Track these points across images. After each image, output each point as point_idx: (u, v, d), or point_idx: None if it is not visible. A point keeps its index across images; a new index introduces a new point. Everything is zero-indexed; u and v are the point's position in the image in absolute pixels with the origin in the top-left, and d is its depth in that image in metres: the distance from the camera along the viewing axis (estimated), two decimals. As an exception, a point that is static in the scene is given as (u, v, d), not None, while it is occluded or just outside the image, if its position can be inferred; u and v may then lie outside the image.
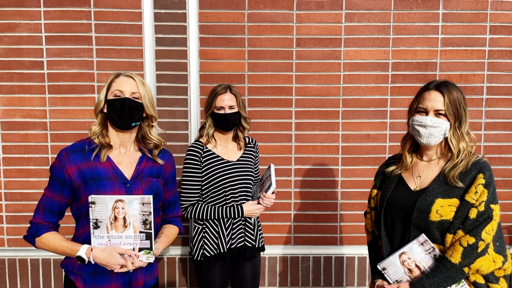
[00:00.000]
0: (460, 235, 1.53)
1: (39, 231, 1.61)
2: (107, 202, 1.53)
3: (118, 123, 1.62)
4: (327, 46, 3.04)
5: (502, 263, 1.58)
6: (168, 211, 1.86)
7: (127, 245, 1.56)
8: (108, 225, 1.55)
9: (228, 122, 2.24)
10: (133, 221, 1.55)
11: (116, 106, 1.60)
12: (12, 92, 3.01)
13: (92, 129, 1.67)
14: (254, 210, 2.24)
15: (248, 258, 2.30)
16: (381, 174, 1.85)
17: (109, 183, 1.60)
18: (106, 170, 1.62)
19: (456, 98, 1.60)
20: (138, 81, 1.65)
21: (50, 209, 1.63)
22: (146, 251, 1.57)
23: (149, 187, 1.67)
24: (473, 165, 1.59)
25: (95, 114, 1.69)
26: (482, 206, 1.52)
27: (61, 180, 1.61)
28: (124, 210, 1.54)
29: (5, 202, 3.07)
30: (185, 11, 2.99)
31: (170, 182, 1.82)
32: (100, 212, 1.54)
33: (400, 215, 1.67)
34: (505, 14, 3.02)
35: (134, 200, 1.54)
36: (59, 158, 1.62)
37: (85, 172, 1.60)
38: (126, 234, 1.56)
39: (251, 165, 2.36)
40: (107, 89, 1.65)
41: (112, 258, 1.53)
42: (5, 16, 2.95)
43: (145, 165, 1.71)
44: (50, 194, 1.63)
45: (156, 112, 1.73)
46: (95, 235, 1.56)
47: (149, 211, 1.54)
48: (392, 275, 1.66)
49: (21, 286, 3.13)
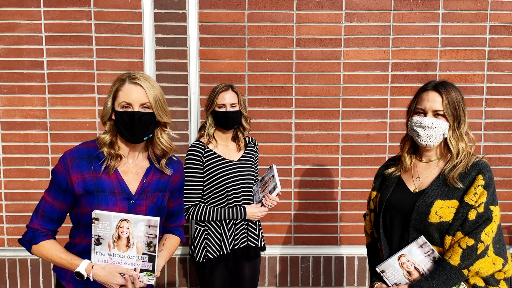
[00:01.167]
0: (459, 237, 1.52)
1: (37, 238, 1.53)
2: (111, 220, 1.45)
3: (129, 139, 1.52)
4: (327, 46, 3.04)
5: (502, 265, 1.56)
6: (171, 221, 1.77)
7: (128, 265, 1.49)
8: (110, 243, 1.48)
9: (229, 120, 2.22)
10: (137, 242, 1.47)
11: (125, 121, 1.49)
12: (12, 92, 3.00)
13: (101, 138, 1.55)
14: (257, 213, 2.22)
15: (251, 258, 2.29)
16: (380, 175, 1.84)
17: (111, 198, 1.52)
18: (111, 183, 1.53)
19: (455, 98, 1.59)
20: (146, 87, 1.50)
21: (50, 216, 1.55)
22: (148, 273, 1.50)
23: (153, 203, 1.60)
24: (473, 166, 1.57)
25: (103, 122, 1.56)
26: (482, 207, 1.51)
27: (64, 187, 1.52)
28: (128, 230, 1.46)
29: (5, 202, 3.07)
30: (185, 11, 2.99)
31: (176, 193, 1.73)
32: (103, 229, 1.46)
33: (399, 217, 1.66)
34: (505, 14, 3.02)
35: (140, 221, 1.45)
36: (62, 163, 1.52)
37: (89, 183, 1.51)
38: (128, 254, 1.49)
39: (252, 165, 2.36)
40: (113, 97, 1.52)
41: (112, 277, 1.47)
42: (5, 16, 2.95)
43: (152, 177, 1.61)
44: (50, 200, 1.55)
45: (169, 116, 1.59)
46: (96, 251, 1.49)
47: (155, 234, 1.46)
48: (391, 278, 1.64)
49: (21, 286, 3.13)
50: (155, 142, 1.61)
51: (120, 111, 1.49)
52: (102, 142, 1.54)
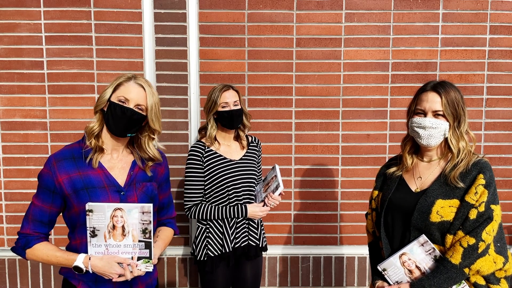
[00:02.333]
0: (460, 236, 1.53)
1: (30, 242, 1.54)
2: (105, 210, 1.48)
3: (113, 130, 1.57)
4: (327, 46, 3.04)
5: (503, 264, 1.57)
6: (162, 213, 1.81)
7: (125, 254, 1.51)
8: (106, 234, 1.50)
9: (234, 118, 2.24)
10: (132, 230, 1.50)
11: (117, 112, 1.54)
12: (12, 92, 3.00)
13: (89, 127, 1.59)
14: (258, 212, 2.23)
15: (252, 257, 2.29)
16: (382, 175, 1.85)
17: (102, 192, 1.55)
18: (98, 178, 1.56)
19: (454, 98, 1.60)
20: (148, 92, 1.56)
21: (40, 219, 1.56)
22: (145, 260, 1.53)
23: (143, 192, 1.63)
24: (474, 165, 1.58)
25: (95, 111, 1.61)
26: (482, 206, 1.52)
27: (52, 189, 1.55)
28: (123, 218, 1.49)
29: (5, 202, 3.07)
30: (185, 11, 2.99)
31: (164, 184, 1.77)
32: (97, 220, 1.48)
33: (400, 216, 1.67)
34: (505, 14, 3.02)
35: (133, 208, 1.49)
36: (48, 165, 1.56)
37: (77, 182, 1.54)
38: (124, 243, 1.51)
39: (254, 164, 2.36)
40: (113, 89, 1.57)
41: (110, 267, 1.49)
42: (5, 16, 2.95)
43: (138, 170, 1.65)
44: (39, 204, 1.57)
45: (160, 126, 1.64)
46: (92, 243, 1.50)
47: (149, 220, 1.49)
48: (393, 276, 1.65)
49: (21, 286, 3.13)
50: (141, 148, 1.67)
51: (115, 103, 1.55)
52: (90, 131, 1.58)
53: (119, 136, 1.59)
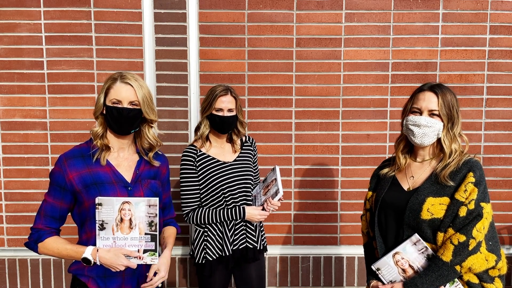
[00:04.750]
0: (450, 233, 1.55)
1: (42, 236, 1.62)
2: (113, 204, 1.55)
3: (117, 130, 1.65)
4: (327, 46, 3.04)
5: (495, 262, 1.58)
6: (164, 213, 1.88)
7: (132, 247, 1.59)
8: (114, 227, 1.57)
9: (225, 125, 2.20)
10: (139, 223, 1.58)
11: (114, 115, 1.62)
12: (12, 92, 3.01)
13: (94, 130, 1.69)
14: (257, 215, 2.20)
15: (250, 260, 2.26)
16: (376, 176, 1.88)
17: (111, 187, 1.63)
18: (107, 175, 1.64)
19: (450, 100, 1.64)
20: (136, 86, 1.63)
21: (52, 215, 1.64)
22: (151, 253, 1.59)
23: (149, 188, 1.71)
24: (464, 164, 1.61)
25: (95, 116, 1.69)
26: (472, 204, 1.54)
27: (62, 186, 1.62)
28: (130, 212, 1.56)
29: (5, 202, 3.07)
30: (185, 11, 2.99)
31: (165, 184, 1.85)
32: (106, 213, 1.56)
33: (393, 215, 1.69)
34: (505, 14, 3.02)
35: (140, 202, 1.56)
36: (59, 164, 1.64)
37: (86, 178, 1.62)
38: (131, 236, 1.58)
39: (249, 165, 2.32)
40: (105, 94, 1.65)
41: (117, 259, 1.55)
42: (5, 16, 2.95)
43: (144, 168, 1.74)
44: (51, 200, 1.64)
45: (155, 114, 1.71)
46: (100, 236, 1.57)
47: (155, 213, 1.56)
48: (386, 276, 1.67)
49: (21, 286, 3.13)
50: (142, 136, 1.74)
51: (111, 106, 1.62)
52: (95, 134, 1.68)
53: (124, 134, 1.67)
